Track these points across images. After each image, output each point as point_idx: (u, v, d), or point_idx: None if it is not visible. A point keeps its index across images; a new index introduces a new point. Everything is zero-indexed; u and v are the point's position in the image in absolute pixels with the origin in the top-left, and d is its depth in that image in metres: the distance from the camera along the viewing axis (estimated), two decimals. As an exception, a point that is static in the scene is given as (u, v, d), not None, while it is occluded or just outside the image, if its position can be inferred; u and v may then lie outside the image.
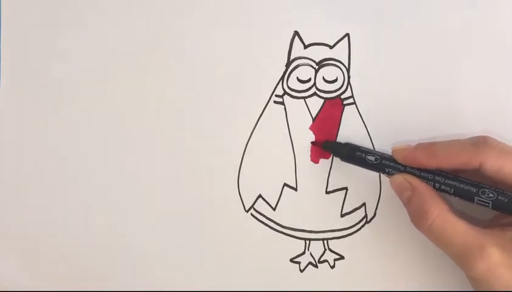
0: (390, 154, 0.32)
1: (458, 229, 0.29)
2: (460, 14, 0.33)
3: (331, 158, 0.35)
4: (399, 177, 0.31)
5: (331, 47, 0.34)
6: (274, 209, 0.35)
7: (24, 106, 0.35)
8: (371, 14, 0.34)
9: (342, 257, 0.36)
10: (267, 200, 0.35)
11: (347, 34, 0.34)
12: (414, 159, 0.31)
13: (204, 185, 0.35)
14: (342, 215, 0.35)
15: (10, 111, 0.35)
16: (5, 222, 0.36)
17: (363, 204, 0.35)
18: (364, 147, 0.33)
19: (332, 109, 0.34)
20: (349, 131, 0.34)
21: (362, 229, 0.35)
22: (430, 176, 0.30)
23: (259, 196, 0.35)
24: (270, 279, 0.36)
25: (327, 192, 0.35)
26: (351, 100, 0.34)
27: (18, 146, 0.35)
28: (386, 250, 0.35)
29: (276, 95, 0.34)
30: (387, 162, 0.32)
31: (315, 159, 0.35)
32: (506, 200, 0.28)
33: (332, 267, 0.36)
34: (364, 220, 0.35)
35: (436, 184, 0.30)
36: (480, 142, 0.29)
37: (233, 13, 0.34)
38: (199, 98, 0.34)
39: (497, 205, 0.28)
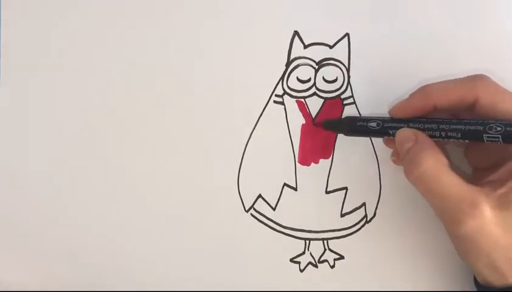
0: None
1: (451, 182, 0.28)
2: (460, 14, 0.33)
3: (331, 158, 0.35)
4: (405, 130, 0.30)
5: (331, 47, 0.34)
6: (274, 209, 0.35)
7: (24, 106, 0.35)
8: (371, 14, 0.34)
9: (342, 257, 0.36)
10: (267, 200, 0.35)
11: (347, 34, 0.34)
12: (411, 107, 0.30)
13: (204, 185, 0.35)
14: (342, 215, 0.35)
15: (10, 111, 0.35)
16: (5, 222, 0.36)
17: (363, 204, 0.35)
18: (364, 116, 0.33)
19: (332, 109, 0.34)
20: (349, 131, 0.34)
21: (362, 228, 0.35)
22: (434, 126, 0.29)
23: (259, 196, 0.35)
24: (270, 279, 0.36)
25: (327, 192, 0.35)
26: (351, 100, 0.34)
27: (18, 146, 0.35)
28: (386, 250, 0.35)
29: (276, 95, 0.34)
30: (390, 124, 0.31)
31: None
32: None
33: (332, 267, 0.36)
34: (364, 220, 0.35)
35: (442, 133, 0.29)
36: (477, 78, 0.29)
37: (233, 13, 0.34)
38: (199, 98, 0.34)
39: (507, 137, 0.27)
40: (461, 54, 0.34)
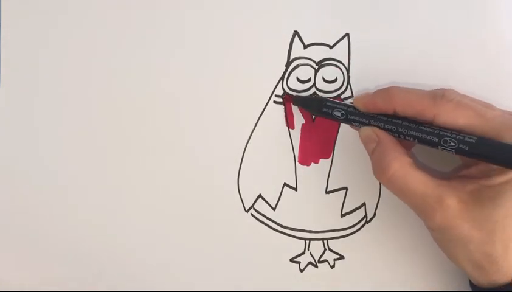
0: None
1: (418, 181, 0.29)
2: (460, 14, 0.33)
3: (331, 158, 0.35)
4: (367, 129, 0.31)
5: (330, 47, 0.34)
6: (274, 209, 0.35)
7: (24, 106, 0.35)
8: (371, 14, 0.34)
9: (342, 257, 0.36)
10: (267, 200, 0.35)
11: (347, 34, 0.34)
12: (373, 104, 0.31)
13: (204, 185, 0.35)
14: (342, 215, 0.35)
15: (10, 111, 0.35)
16: (5, 222, 0.36)
17: (363, 204, 0.35)
18: (332, 100, 0.33)
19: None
20: (349, 131, 0.34)
21: (362, 228, 0.35)
22: (393, 128, 0.30)
23: (259, 196, 0.35)
24: (270, 279, 0.36)
25: (327, 192, 0.35)
26: (351, 100, 0.34)
27: (18, 146, 0.35)
28: (386, 250, 0.35)
29: (276, 95, 0.34)
30: (353, 117, 0.31)
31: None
32: (467, 148, 0.28)
33: (332, 267, 0.36)
34: (364, 220, 0.35)
35: (401, 136, 0.30)
36: (438, 95, 0.29)
37: (233, 13, 0.34)
38: (199, 98, 0.34)
39: (459, 153, 0.28)
40: (461, 54, 0.34)
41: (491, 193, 0.28)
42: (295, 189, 0.35)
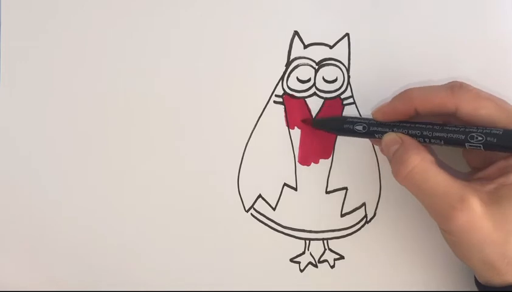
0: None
1: (439, 178, 0.28)
2: (460, 13, 0.33)
3: (331, 158, 0.35)
4: (392, 134, 0.30)
5: (331, 47, 0.34)
6: (274, 209, 0.35)
7: (24, 106, 0.35)
8: (371, 14, 0.34)
9: (342, 257, 0.36)
10: (267, 200, 0.35)
11: (347, 34, 0.34)
12: (393, 110, 0.31)
13: (204, 185, 0.35)
14: (342, 215, 0.35)
15: (10, 111, 0.35)
16: (5, 222, 0.36)
17: (363, 204, 0.35)
18: (351, 117, 0.33)
19: (332, 109, 0.34)
20: (349, 131, 0.34)
21: (362, 228, 0.35)
22: (418, 133, 0.30)
23: (259, 196, 0.35)
24: (270, 279, 0.36)
25: (327, 192, 0.35)
26: (351, 100, 0.34)
27: (18, 146, 0.35)
28: (386, 250, 0.35)
29: (276, 95, 0.34)
30: (375, 128, 0.31)
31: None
32: (496, 140, 0.27)
33: (332, 267, 0.36)
34: (364, 220, 0.35)
35: (426, 139, 0.30)
36: (456, 86, 0.29)
37: (232, 13, 0.34)
38: (199, 98, 0.34)
39: (488, 146, 0.28)
40: (461, 54, 0.34)
41: (509, 191, 0.27)
42: (295, 189, 0.35)
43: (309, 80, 0.34)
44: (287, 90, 0.34)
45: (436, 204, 0.28)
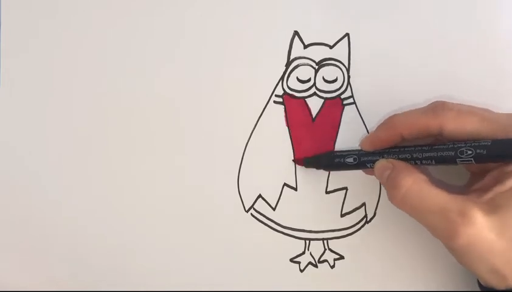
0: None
1: (435, 196, 0.28)
2: (460, 13, 0.33)
3: (331, 158, 0.35)
4: (382, 160, 0.31)
5: (331, 47, 0.34)
6: (274, 209, 0.35)
7: (24, 106, 0.35)
8: (371, 14, 0.34)
9: (342, 257, 0.36)
10: (267, 200, 0.35)
11: (347, 34, 0.34)
12: (379, 139, 0.31)
13: (204, 185, 0.35)
14: (342, 215, 0.35)
15: (10, 111, 0.35)
16: (5, 222, 0.36)
17: (363, 204, 0.35)
18: (339, 150, 0.33)
19: (332, 109, 0.34)
20: (349, 131, 0.34)
21: (362, 228, 0.35)
22: (408, 156, 0.30)
23: (259, 196, 0.35)
24: (270, 279, 0.36)
25: (327, 192, 0.35)
26: (351, 100, 0.34)
27: (18, 146, 0.35)
28: (386, 250, 0.35)
29: (276, 95, 0.34)
30: (366, 158, 0.32)
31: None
32: (485, 152, 0.27)
33: (332, 267, 0.36)
34: (364, 220, 0.35)
35: (417, 161, 0.30)
36: (438, 107, 0.29)
37: (233, 13, 0.34)
38: (199, 98, 0.34)
39: (478, 159, 0.28)
40: (462, 53, 0.34)
41: (506, 198, 0.27)
42: (295, 189, 0.35)
43: (309, 80, 0.34)
44: (287, 90, 0.34)
45: (436, 222, 0.28)
